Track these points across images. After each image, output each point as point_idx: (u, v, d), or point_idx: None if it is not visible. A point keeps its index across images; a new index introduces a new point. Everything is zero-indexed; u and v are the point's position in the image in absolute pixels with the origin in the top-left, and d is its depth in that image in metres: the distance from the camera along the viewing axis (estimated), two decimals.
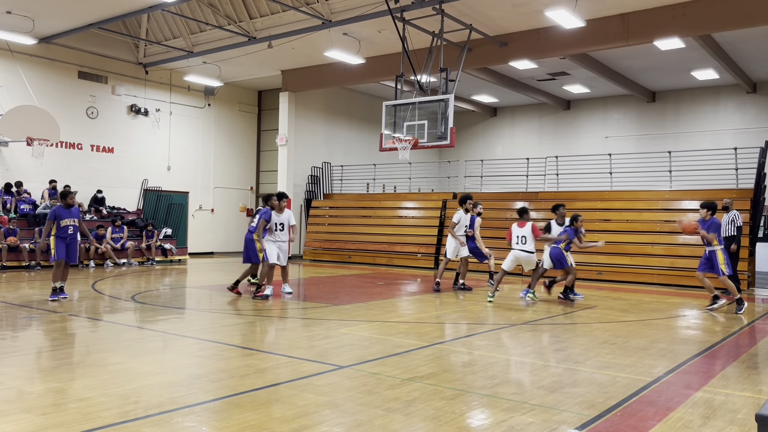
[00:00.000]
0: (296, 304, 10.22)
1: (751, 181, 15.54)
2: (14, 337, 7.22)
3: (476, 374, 5.70)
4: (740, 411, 4.72)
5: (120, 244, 17.38)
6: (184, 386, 5.17)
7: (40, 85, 17.98)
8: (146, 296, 10.93)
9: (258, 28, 17.01)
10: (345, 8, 15.20)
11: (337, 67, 19.46)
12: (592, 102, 24.04)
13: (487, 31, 15.84)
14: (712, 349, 7.15)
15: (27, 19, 15.98)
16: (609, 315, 9.69)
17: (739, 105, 21.11)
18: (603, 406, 4.73)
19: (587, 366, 6.11)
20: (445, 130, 13.52)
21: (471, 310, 9.99)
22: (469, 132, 26.97)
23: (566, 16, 13.65)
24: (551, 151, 22.89)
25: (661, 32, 14.30)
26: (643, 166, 19.42)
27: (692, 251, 14.82)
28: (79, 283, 12.83)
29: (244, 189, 24.11)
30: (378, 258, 19.54)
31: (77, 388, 4.93)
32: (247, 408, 4.54)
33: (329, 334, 7.63)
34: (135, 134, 20.47)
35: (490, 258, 12.51)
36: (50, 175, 17.79)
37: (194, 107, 22.23)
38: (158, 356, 6.36)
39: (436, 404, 4.74)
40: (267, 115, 24.42)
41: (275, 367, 5.93)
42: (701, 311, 10.53)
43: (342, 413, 4.46)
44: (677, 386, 5.46)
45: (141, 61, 20.22)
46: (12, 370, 5.55)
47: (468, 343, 7.22)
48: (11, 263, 15.41)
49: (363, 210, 21.24)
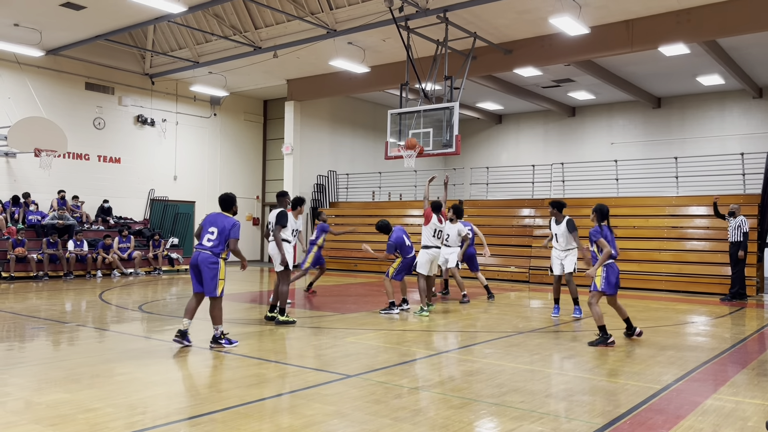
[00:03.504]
0: (303, 313, 10.20)
1: (758, 186, 15.48)
2: (22, 347, 7.24)
3: (484, 383, 5.68)
4: (750, 419, 4.68)
5: (127, 253, 17.42)
6: (191, 396, 5.17)
7: (48, 97, 18.11)
8: (153, 306, 10.94)
9: (263, 38, 17.10)
10: (350, 17, 15.27)
11: (342, 76, 19.53)
12: (597, 108, 24.02)
13: (491, 38, 15.86)
14: (722, 356, 7.10)
15: (35, 31, 16.13)
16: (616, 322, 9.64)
17: (745, 110, 21.04)
18: (612, 415, 4.70)
19: (595, 374, 6.08)
20: (450, 138, 13.52)
21: (478, 319, 9.96)
22: (475, 139, 26.97)
23: (571, 23, 13.67)
24: (557, 157, 22.86)
25: (665, 38, 14.29)
26: (650, 172, 19.38)
27: (700, 257, 14.76)
28: (87, 293, 12.87)
29: (250, 198, 24.17)
30: (384, 266, 19.50)
31: (85, 399, 4.93)
32: (254, 418, 4.54)
33: (336, 343, 7.62)
34: (141, 144, 20.57)
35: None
36: (58, 186, 17.88)
37: (200, 117, 22.34)
38: (165, 366, 6.36)
39: (444, 413, 4.72)
40: (272, 124, 24.51)
41: (282, 376, 5.92)
42: (709, 317, 10.46)
43: (350, 423, 4.44)
44: (687, 394, 5.42)
45: (147, 71, 20.35)
46: (20, 380, 5.56)
47: (475, 351, 7.19)
48: (19, 274, 15.47)
49: (369, 218, 21.22)
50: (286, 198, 9.24)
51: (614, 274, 7.63)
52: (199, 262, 7.05)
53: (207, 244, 7.09)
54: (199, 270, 7.08)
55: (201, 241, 7.16)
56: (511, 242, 17.68)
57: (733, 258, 12.89)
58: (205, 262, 7.03)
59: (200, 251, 7.09)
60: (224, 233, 7.10)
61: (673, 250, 15.26)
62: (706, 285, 14.15)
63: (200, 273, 7.09)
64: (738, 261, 12.82)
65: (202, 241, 7.14)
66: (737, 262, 12.86)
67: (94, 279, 16.03)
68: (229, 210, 7.37)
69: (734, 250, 12.85)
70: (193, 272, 7.16)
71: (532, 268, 16.48)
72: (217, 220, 7.20)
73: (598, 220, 7.82)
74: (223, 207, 7.38)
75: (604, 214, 7.83)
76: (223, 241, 7.11)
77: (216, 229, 7.10)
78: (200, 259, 7.05)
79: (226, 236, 7.11)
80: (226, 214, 7.32)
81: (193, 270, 7.14)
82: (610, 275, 7.60)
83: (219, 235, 7.08)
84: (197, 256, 7.10)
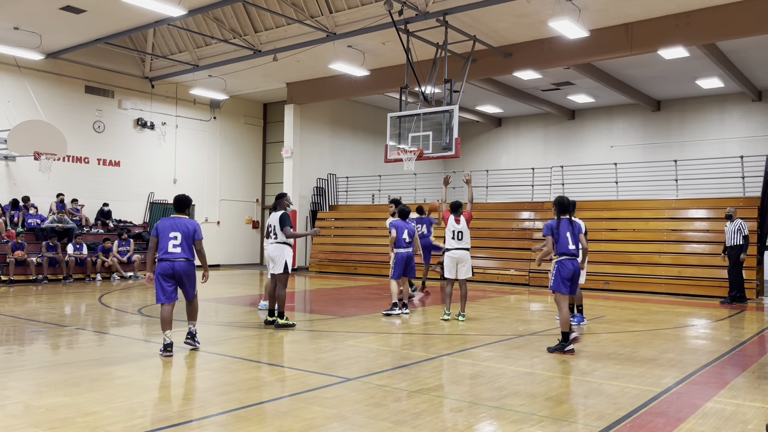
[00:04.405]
0: (302, 316, 10.20)
1: (758, 189, 15.47)
2: (21, 351, 7.23)
3: (484, 386, 5.67)
4: (751, 422, 4.68)
5: (126, 257, 17.41)
6: (191, 400, 5.16)
7: (48, 100, 18.12)
8: (153, 309, 10.93)
9: (263, 42, 17.12)
10: (349, 21, 15.29)
11: (342, 79, 19.55)
12: (596, 111, 24.04)
13: (491, 42, 15.88)
14: (722, 359, 7.10)
15: (34, 34, 16.14)
16: (616, 325, 9.63)
17: (744, 113, 21.06)
18: (612, 418, 4.70)
19: (596, 377, 6.07)
20: (449, 141, 13.53)
21: (478, 321, 9.95)
22: (474, 142, 26.99)
23: (570, 27, 13.69)
24: (556, 160, 22.87)
25: (665, 41, 14.31)
26: (649, 175, 19.37)
27: (700, 260, 14.76)
28: (86, 296, 12.86)
29: (249, 201, 24.16)
30: (384, 269, 19.50)
31: (84, 402, 4.92)
32: (254, 421, 4.53)
33: (336, 346, 7.61)
34: (141, 148, 20.58)
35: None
36: (57, 189, 17.87)
37: (200, 120, 22.35)
38: (165, 370, 6.35)
39: (444, 416, 4.71)
40: (272, 127, 24.52)
41: (282, 379, 5.91)
42: (709, 320, 10.45)
43: (350, 426, 4.44)
44: (687, 397, 5.41)
45: (147, 75, 20.36)
46: (19, 384, 5.55)
47: (475, 354, 7.18)
48: (19, 277, 15.46)
49: (368, 221, 21.23)
50: (285, 199, 9.18)
51: (566, 272, 7.22)
52: (178, 271, 6.81)
53: (176, 251, 6.81)
54: (180, 279, 6.86)
55: (165, 248, 6.80)
56: (511, 245, 17.68)
57: (732, 261, 12.88)
58: (186, 272, 6.87)
59: (174, 261, 6.79)
60: (189, 236, 6.90)
61: (672, 253, 15.25)
62: (706, 288, 14.14)
63: (181, 282, 6.89)
64: (737, 264, 12.81)
65: (167, 248, 6.80)
66: (735, 265, 12.85)
67: (94, 282, 16.01)
68: (184, 212, 7.14)
69: (735, 253, 12.84)
70: (169, 282, 6.83)
71: (532, 271, 16.48)
72: (177, 223, 6.94)
73: (556, 213, 7.47)
74: (180, 209, 7.15)
75: (564, 206, 7.44)
76: (190, 244, 6.91)
77: (179, 233, 6.86)
78: (178, 268, 6.80)
79: (191, 239, 6.92)
80: (182, 216, 7.08)
81: (172, 279, 6.84)
82: (559, 272, 7.25)
83: (184, 240, 6.86)
84: (172, 266, 6.78)
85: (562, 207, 7.44)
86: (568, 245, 7.31)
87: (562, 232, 7.34)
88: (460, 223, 9.68)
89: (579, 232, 7.60)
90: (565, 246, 7.30)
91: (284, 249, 8.76)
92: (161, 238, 6.86)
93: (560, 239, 7.31)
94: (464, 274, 9.70)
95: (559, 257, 7.31)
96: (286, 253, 8.76)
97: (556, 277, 7.27)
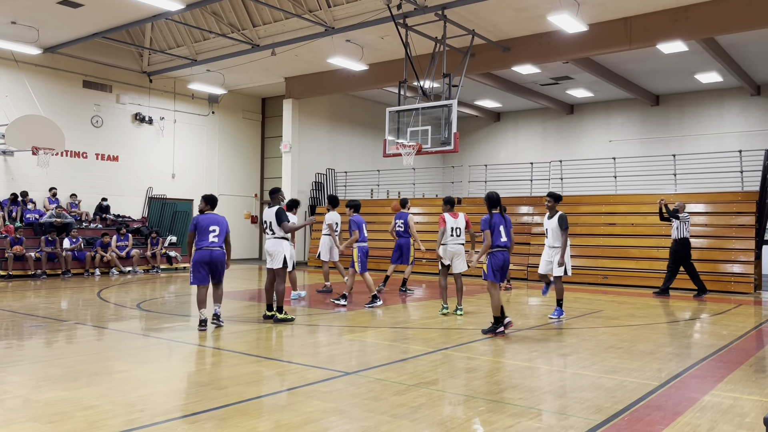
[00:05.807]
0: (302, 311, 10.21)
1: (757, 183, 15.49)
2: (20, 345, 7.24)
3: (482, 379, 5.69)
4: (748, 415, 4.69)
5: (125, 252, 17.41)
6: (190, 394, 5.17)
7: (45, 95, 18.07)
8: (151, 304, 10.94)
9: (261, 36, 17.07)
10: (348, 15, 15.24)
11: (341, 73, 19.51)
12: (595, 106, 24.02)
13: (489, 36, 15.86)
14: (720, 352, 7.11)
15: (32, 29, 16.09)
16: (615, 319, 9.65)
17: (743, 108, 21.06)
18: (610, 411, 4.71)
19: (594, 370, 6.09)
20: (448, 136, 13.52)
21: (476, 315, 9.96)
22: (473, 137, 26.97)
23: (569, 21, 13.66)
24: (555, 155, 22.87)
25: (663, 36, 14.29)
26: (648, 169, 19.38)
27: (701, 254, 14.77)
28: (85, 291, 12.86)
29: (248, 196, 24.15)
30: (382, 264, 19.51)
31: (83, 397, 4.93)
32: (253, 415, 4.54)
33: (334, 341, 7.62)
34: (139, 142, 20.54)
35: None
36: (55, 184, 17.86)
37: (198, 115, 22.31)
38: (164, 364, 6.36)
39: (442, 410, 4.72)
40: (271, 122, 24.48)
41: (281, 374, 5.92)
42: (707, 314, 10.47)
43: (348, 420, 4.45)
44: (685, 390, 5.43)
45: (145, 69, 20.31)
46: (18, 378, 5.56)
47: (473, 348, 7.20)
48: (17, 272, 15.45)
49: (367, 216, 21.16)
50: (280, 194, 9.19)
51: (497, 262, 7.81)
52: (215, 259, 7.99)
53: (215, 241, 8.01)
54: (214, 265, 8.01)
55: (207, 239, 7.97)
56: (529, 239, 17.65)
57: (681, 256, 12.85)
58: (220, 259, 8.07)
59: (212, 249, 7.98)
60: (224, 230, 8.15)
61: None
62: (705, 282, 14.14)
63: (214, 268, 8.03)
64: (686, 258, 12.80)
65: (209, 239, 7.98)
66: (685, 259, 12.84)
67: (93, 277, 16.01)
68: (214, 209, 8.32)
69: (677, 247, 12.83)
70: (204, 268, 7.97)
71: (530, 266, 16.49)
72: (215, 219, 8.11)
73: (488, 207, 7.97)
74: (213, 206, 8.30)
75: (493, 201, 7.96)
76: (224, 236, 8.16)
77: (218, 228, 8.05)
78: (215, 256, 8.00)
79: (225, 232, 8.17)
80: (214, 213, 8.26)
81: (206, 266, 7.97)
82: (491, 263, 7.83)
83: (221, 233, 8.08)
84: (210, 254, 7.97)
85: (492, 201, 7.98)
86: (500, 238, 7.89)
87: (495, 225, 7.88)
88: (457, 218, 9.70)
89: (509, 226, 8.13)
90: (497, 239, 7.87)
91: (282, 244, 8.77)
92: (200, 231, 8.01)
93: (494, 232, 7.86)
94: (459, 267, 9.75)
95: (492, 249, 7.88)
96: (284, 247, 8.77)
97: (489, 268, 7.88)
